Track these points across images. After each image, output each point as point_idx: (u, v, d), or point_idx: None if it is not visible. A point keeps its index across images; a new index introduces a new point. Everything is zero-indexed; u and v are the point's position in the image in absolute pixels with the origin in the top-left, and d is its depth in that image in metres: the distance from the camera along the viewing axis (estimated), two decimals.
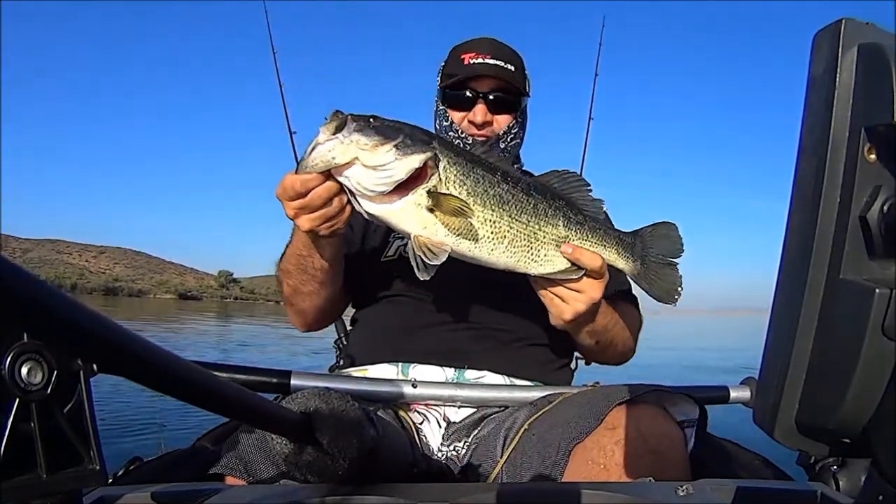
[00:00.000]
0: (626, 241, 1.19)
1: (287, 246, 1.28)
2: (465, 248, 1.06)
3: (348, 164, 0.96)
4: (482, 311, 1.32)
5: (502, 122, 1.39)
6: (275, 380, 1.24)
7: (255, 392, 0.76)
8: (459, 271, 1.33)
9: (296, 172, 0.99)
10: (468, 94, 1.37)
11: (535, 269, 1.12)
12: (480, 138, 1.37)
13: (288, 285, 1.32)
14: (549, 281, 1.13)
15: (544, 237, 1.10)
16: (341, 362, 1.51)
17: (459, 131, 1.37)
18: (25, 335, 0.58)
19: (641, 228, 1.22)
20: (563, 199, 1.14)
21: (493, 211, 1.06)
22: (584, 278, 1.12)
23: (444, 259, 1.03)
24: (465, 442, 1.25)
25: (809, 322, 0.44)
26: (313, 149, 0.96)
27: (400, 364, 1.30)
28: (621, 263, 1.20)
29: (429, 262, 1.02)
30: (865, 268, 0.42)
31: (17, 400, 0.58)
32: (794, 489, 0.93)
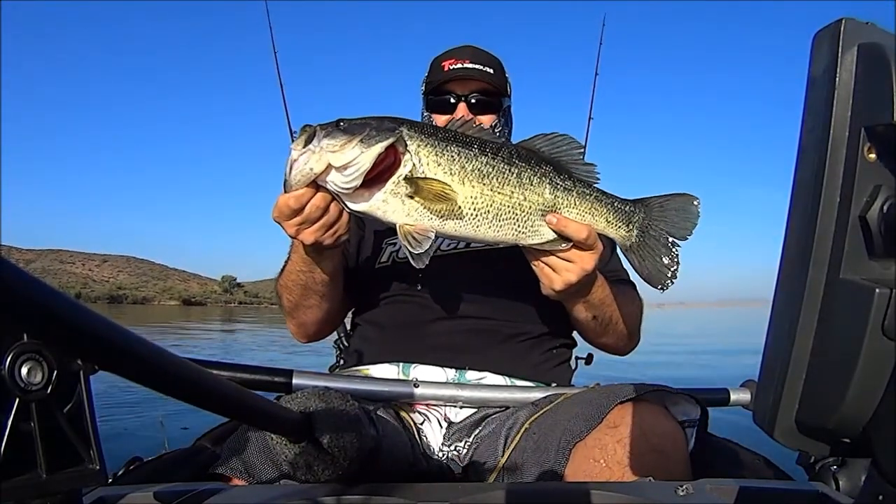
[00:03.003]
0: (622, 208, 1.13)
1: (286, 263, 1.30)
2: (449, 228, 1.05)
3: (326, 171, 0.98)
4: (482, 310, 1.32)
5: (485, 122, 1.41)
6: (277, 379, 1.24)
7: (255, 392, 0.76)
8: (458, 271, 1.33)
9: (284, 193, 1.01)
10: (450, 98, 1.40)
11: (522, 240, 1.09)
12: None
13: (288, 300, 1.33)
14: (540, 251, 1.11)
15: (529, 207, 1.07)
16: (342, 362, 1.52)
17: None
18: (25, 335, 0.58)
19: (652, 197, 1.16)
20: (550, 163, 1.10)
21: (473, 186, 1.04)
22: (575, 249, 1.09)
23: (427, 245, 1.02)
24: (466, 442, 1.25)
25: (809, 322, 0.44)
26: (291, 166, 0.99)
27: (401, 364, 1.30)
28: (612, 232, 1.14)
29: (413, 250, 1.02)
30: (865, 268, 0.42)
31: (17, 400, 0.58)
32: (794, 489, 0.93)
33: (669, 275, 1.14)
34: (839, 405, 0.42)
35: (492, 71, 1.41)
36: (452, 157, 1.04)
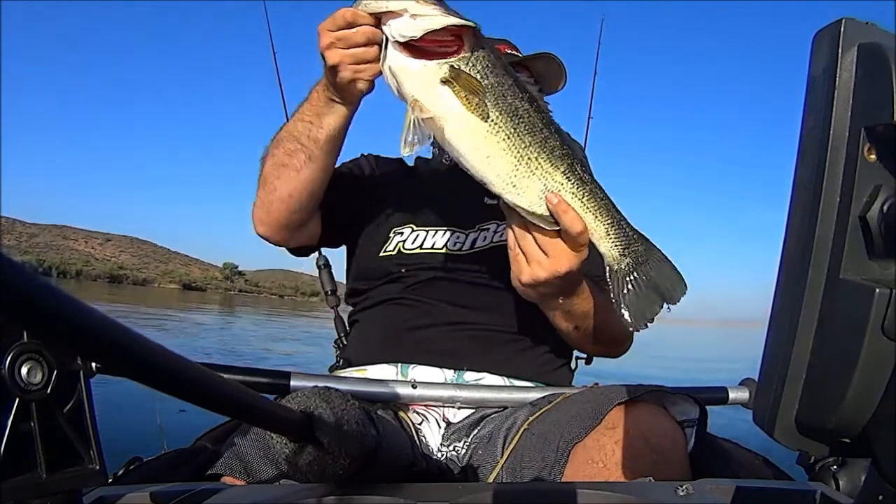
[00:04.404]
0: (626, 229, 1.05)
1: (288, 121, 1.29)
2: (452, 131, 0.99)
3: (397, 14, 0.98)
4: (481, 311, 1.32)
5: None
6: (275, 381, 1.24)
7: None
8: (459, 273, 1.33)
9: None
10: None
11: (509, 193, 1.01)
12: None
13: (273, 155, 1.28)
14: (522, 232, 1.05)
15: (536, 168, 1.00)
16: (341, 362, 1.52)
17: None
18: (25, 335, 0.58)
19: (655, 246, 1.06)
20: (577, 156, 1.03)
21: (499, 114, 0.99)
22: (558, 241, 1.03)
23: (419, 143, 0.99)
24: (465, 442, 1.25)
25: (809, 322, 0.44)
26: None
27: (399, 365, 1.30)
28: (606, 246, 1.04)
29: (406, 136, 0.98)
30: (865, 268, 0.42)
31: (17, 400, 0.58)
32: (794, 489, 0.93)
33: (642, 320, 1.04)
34: (839, 405, 0.42)
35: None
36: (500, 82, 1.00)
